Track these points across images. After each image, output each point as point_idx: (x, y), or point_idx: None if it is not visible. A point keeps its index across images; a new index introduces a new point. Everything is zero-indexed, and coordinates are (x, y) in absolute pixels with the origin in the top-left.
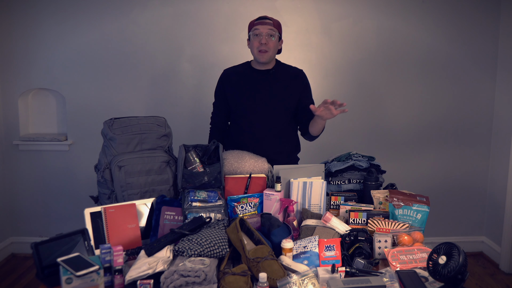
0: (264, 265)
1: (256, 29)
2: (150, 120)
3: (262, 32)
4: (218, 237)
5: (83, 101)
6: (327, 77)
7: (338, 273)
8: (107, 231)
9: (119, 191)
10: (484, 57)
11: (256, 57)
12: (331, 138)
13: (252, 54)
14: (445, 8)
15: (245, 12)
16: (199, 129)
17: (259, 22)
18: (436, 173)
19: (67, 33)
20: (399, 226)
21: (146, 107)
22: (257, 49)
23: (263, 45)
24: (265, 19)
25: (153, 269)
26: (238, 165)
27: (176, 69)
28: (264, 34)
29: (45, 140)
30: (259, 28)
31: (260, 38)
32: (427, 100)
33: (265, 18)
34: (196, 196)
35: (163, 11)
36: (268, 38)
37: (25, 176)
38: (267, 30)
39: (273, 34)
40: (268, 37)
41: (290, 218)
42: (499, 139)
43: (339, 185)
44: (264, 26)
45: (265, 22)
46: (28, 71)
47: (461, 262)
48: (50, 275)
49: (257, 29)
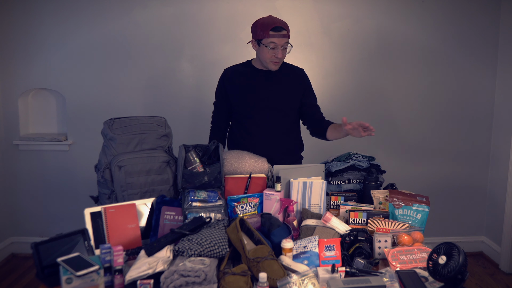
0: (264, 265)
1: (273, 42)
2: (150, 120)
3: (278, 45)
4: (218, 237)
5: (83, 101)
6: (327, 77)
7: (338, 273)
8: (107, 231)
9: (119, 191)
10: (484, 57)
11: (268, 66)
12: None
13: (262, 60)
14: (445, 8)
15: (245, 11)
16: (199, 129)
17: (276, 34)
18: (436, 173)
19: (67, 33)
20: (399, 226)
21: (146, 107)
22: (271, 60)
23: (278, 58)
24: (281, 30)
25: (153, 269)
26: (238, 165)
27: (176, 69)
28: (281, 48)
29: (45, 140)
30: (275, 41)
31: (276, 51)
32: (427, 100)
33: (281, 30)
34: (196, 196)
35: (163, 11)
36: (283, 51)
37: (25, 176)
38: (283, 43)
39: (287, 45)
40: (283, 50)
41: (290, 218)
42: (499, 139)
43: (339, 185)
44: (281, 39)
45: (282, 34)
46: (28, 71)
47: (461, 262)
48: (50, 275)
49: (274, 42)
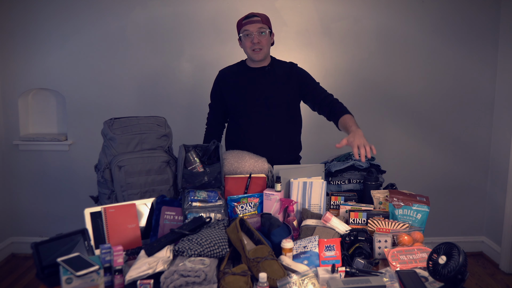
0: (264, 265)
1: (246, 29)
2: (150, 120)
3: (252, 32)
4: (218, 237)
5: (83, 101)
6: (327, 77)
7: (338, 273)
8: (107, 231)
9: (119, 191)
10: (484, 57)
11: (251, 56)
12: (331, 138)
13: (246, 53)
14: (445, 8)
15: (245, 11)
16: (199, 129)
17: (247, 21)
18: (436, 173)
19: (67, 33)
20: (399, 226)
21: (146, 107)
22: (251, 48)
23: (256, 44)
24: (252, 17)
25: (153, 269)
26: (238, 165)
27: (176, 69)
28: (255, 33)
29: (45, 140)
30: (248, 28)
31: (252, 37)
32: (427, 100)
33: (252, 16)
34: (196, 196)
35: (163, 11)
36: (260, 36)
37: (25, 176)
38: (257, 29)
39: (263, 30)
40: (259, 35)
41: (290, 218)
42: (499, 138)
43: (339, 185)
44: (253, 25)
45: (253, 20)
46: (28, 71)
47: (461, 262)
48: (50, 275)
49: (247, 29)
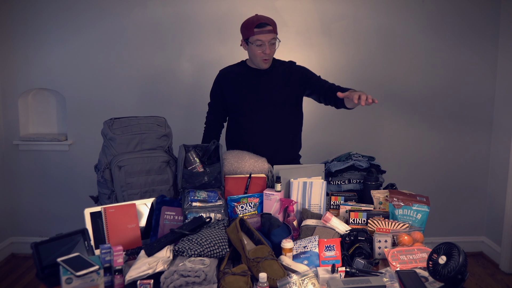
0: (264, 265)
1: (259, 39)
2: (150, 120)
3: (265, 42)
4: (218, 237)
5: (83, 101)
6: (327, 77)
7: (338, 273)
8: (107, 231)
9: (119, 191)
10: (484, 57)
11: (259, 65)
12: (331, 138)
13: (253, 60)
14: (445, 7)
15: (246, 11)
16: (199, 129)
17: (260, 30)
18: (436, 173)
19: (67, 33)
20: (399, 226)
21: (146, 107)
22: (261, 58)
23: (267, 55)
24: (265, 25)
25: (153, 269)
26: (238, 165)
27: (176, 69)
28: (268, 44)
29: (45, 140)
30: (261, 38)
31: (264, 48)
32: (427, 100)
33: (266, 25)
34: (196, 196)
35: (163, 11)
36: (271, 47)
37: (25, 176)
38: (269, 39)
39: (274, 41)
40: (270, 46)
41: (290, 218)
42: (499, 139)
43: (339, 185)
44: (266, 35)
45: (267, 30)
46: (28, 71)
47: (461, 262)
48: (50, 275)
49: (260, 39)
